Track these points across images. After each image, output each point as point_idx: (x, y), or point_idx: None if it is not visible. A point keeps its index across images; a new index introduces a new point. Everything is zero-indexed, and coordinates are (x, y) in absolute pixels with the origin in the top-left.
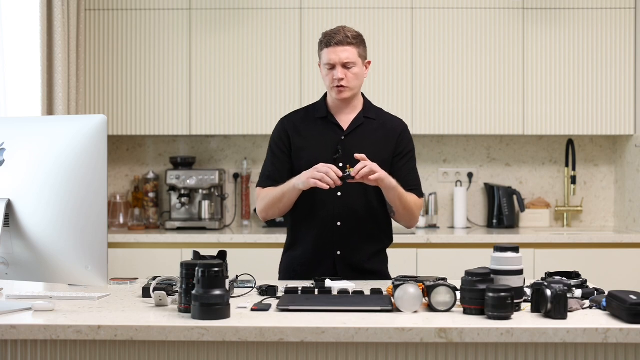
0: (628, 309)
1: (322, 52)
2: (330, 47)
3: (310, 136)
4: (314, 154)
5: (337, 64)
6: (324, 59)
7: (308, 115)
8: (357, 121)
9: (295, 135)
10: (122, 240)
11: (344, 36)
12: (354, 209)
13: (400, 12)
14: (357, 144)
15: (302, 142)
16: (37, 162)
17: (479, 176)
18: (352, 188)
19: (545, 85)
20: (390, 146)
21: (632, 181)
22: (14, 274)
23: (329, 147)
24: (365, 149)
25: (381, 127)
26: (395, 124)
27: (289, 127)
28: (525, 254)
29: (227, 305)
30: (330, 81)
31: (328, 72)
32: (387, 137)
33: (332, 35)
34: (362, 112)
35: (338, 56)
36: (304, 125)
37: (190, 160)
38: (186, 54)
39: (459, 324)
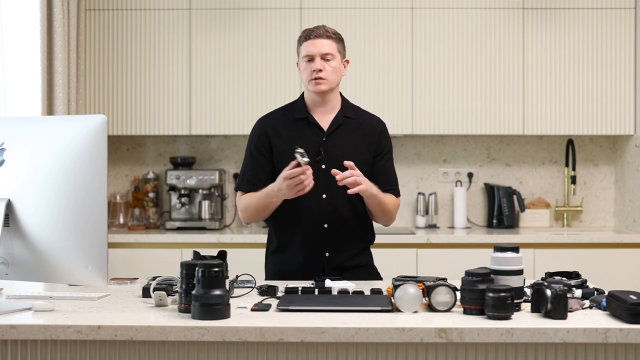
0: (628, 309)
1: (300, 46)
2: (309, 39)
3: (290, 138)
4: None
5: (315, 56)
6: (302, 52)
7: (287, 116)
8: (337, 121)
9: (275, 137)
10: (122, 240)
11: (324, 30)
12: (339, 210)
13: (400, 12)
14: (338, 144)
15: (283, 145)
16: (37, 162)
17: (479, 176)
18: (336, 189)
19: (545, 85)
20: (371, 146)
21: (632, 181)
22: (14, 274)
23: (310, 149)
24: (346, 149)
25: (360, 127)
26: (374, 124)
27: (268, 128)
28: (525, 254)
29: (227, 305)
30: (309, 73)
31: (306, 64)
32: (367, 136)
33: (312, 30)
34: (341, 111)
35: (317, 48)
36: (283, 126)
37: (190, 160)
38: (186, 54)
39: (459, 324)
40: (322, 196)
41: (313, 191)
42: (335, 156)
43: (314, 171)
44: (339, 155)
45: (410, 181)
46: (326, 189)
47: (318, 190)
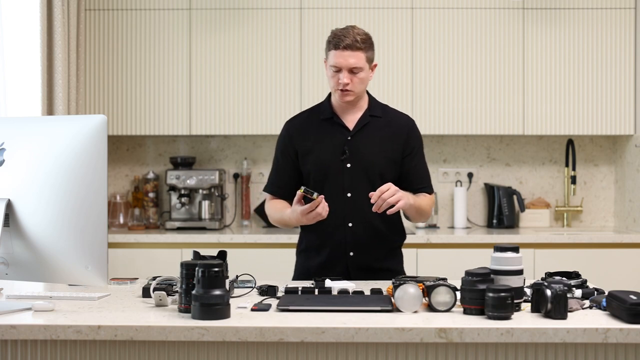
0: (628, 309)
1: (329, 52)
2: (338, 49)
3: (315, 139)
4: (321, 156)
5: (343, 68)
6: (330, 60)
7: (312, 117)
8: (363, 120)
9: (300, 139)
10: (122, 240)
11: (353, 40)
12: (364, 209)
13: (400, 12)
14: (364, 143)
15: (308, 146)
16: (37, 162)
17: (479, 176)
18: (360, 188)
19: (545, 85)
20: (399, 145)
21: (632, 181)
22: (14, 274)
23: (335, 149)
24: (371, 148)
25: (388, 125)
26: (402, 122)
27: (293, 131)
28: (525, 254)
29: (227, 305)
30: (335, 84)
31: (334, 74)
32: (395, 135)
33: (341, 38)
34: (368, 110)
35: (346, 61)
36: (308, 127)
37: (190, 160)
38: (186, 54)
39: (459, 324)
40: (347, 195)
41: (338, 190)
42: (360, 155)
43: (339, 170)
44: (364, 154)
45: None
46: (351, 188)
47: (343, 189)
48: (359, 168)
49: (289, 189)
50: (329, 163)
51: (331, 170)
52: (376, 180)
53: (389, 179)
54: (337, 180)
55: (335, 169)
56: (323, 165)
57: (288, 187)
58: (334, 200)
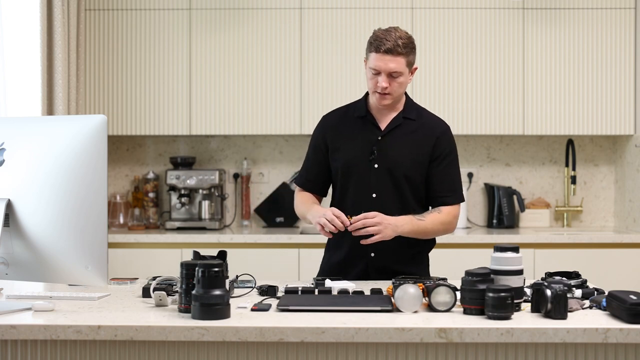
0: (628, 309)
1: (369, 54)
2: (379, 53)
3: (346, 136)
4: (349, 154)
5: (382, 72)
6: (370, 62)
7: (348, 114)
8: (396, 121)
9: (332, 135)
10: (122, 240)
11: (394, 44)
12: (389, 210)
13: (400, 12)
14: (393, 145)
15: (339, 142)
16: (37, 162)
17: (479, 176)
18: (386, 190)
19: (545, 85)
20: (427, 149)
21: (632, 181)
22: (14, 274)
23: (364, 148)
24: (400, 150)
25: (420, 128)
26: (434, 125)
27: (326, 126)
28: (525, 254)
29: (227, 305)
30: (374, 86)
31: (373, 76)
32: (425, 138)
33: (383, 41)
34: (402, 112)
35: (386, 65)
36: (342, 124)
37: (190, 160)
38: (186, 54)
39: (459, 324)
40: (372, 195)
41: (363, 190)
42: (388, 156)
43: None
44: (393, 155)
45: None
46: (376, 188)
47: (369, 189)
48: (385, 169)
49: (319, 184)
50: (357, 162)
51: (358, 169)
52: (401, 182)
53: (415, 181)
54: (363, 179)
55: (363, 168)
56: (351, 163)
57: (317, 182)
58: (359, 200)
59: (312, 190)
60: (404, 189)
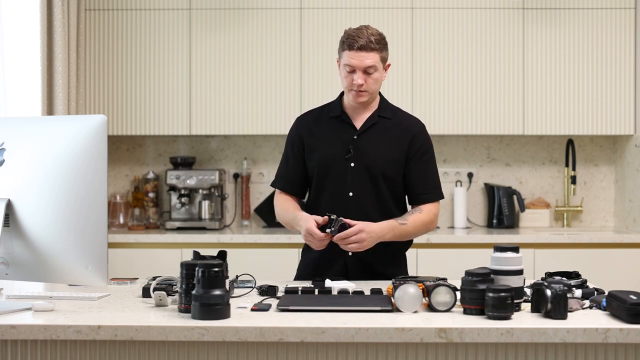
0: (628, 309)
1: (343, 52)
2: (352, 50)
3: (322, 136)
4: (326, 153)
5: (358, 69)
6: (344, 60)
7: (322, 115)
8: (371, 120)
9: (307, 135)
10: (122, 240)
11: (367, 40)
12: (366, 209)
13: (400, 12)
14: (369, 143)
15: (314, 142)
16: (37, 162)
17: (479, 176)
18: (363, 188)
19: (545, 85)
20: (403, 147)
21: (632, 181)
22: (14, 274)
23: (340, 147)
24: (376, 149)
25: (395, 127)
26: (410, 124)
27: (302, 127)
28: (525, 254)
29: (227, 305)
30: (349, 84)
31: (347, 74)
32: (401, 136)
33: (356, 38)
34: (377, 111)
35: (360, 62)
36: (317, 124)
37: (190, 160)
38: (186, 54)
39: (459, 324)
40: (349, 194)
41: (340, 189)
42: (364, 155)
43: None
44: (368, 154)
45: None
46: (353, 187)
47: (345, 188)
48: (362, 167)
49: (297, 185)
50: (333, 161)
51: (335, 168)
52: (379, 180)
53: (392, 179)
54: (340, 178)
55: (339, 167)
56: (327, 162)
57: (296, 183)
58: (335, 199)
59: (291, 191)
60: (381, 187)
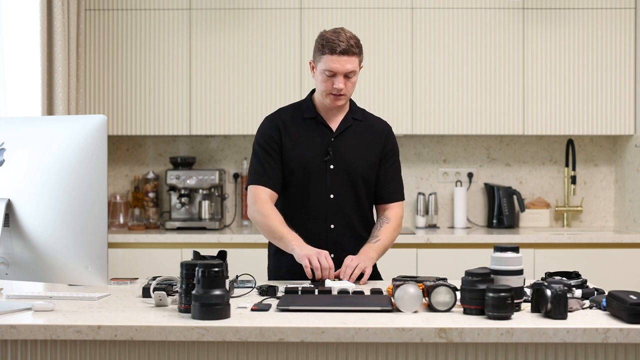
0: (628, 309)
1: (322, 56)
2: (334, 54)
3: (299, 136)
4: (304, 155)
5: (339, 74)
6: (324, 64)
7: (295, 115)
8: (346, 122)
9: (285, 134)
10: (122, 240)
11: (349, 45)
12: (346, 211)
13: (400, 12)
14: (347, 145)
15: (292, 143)
16: (37, 162)
17: (479, 176)
18: (343, 190)
19: (545, 85)
20: (377, 148)
21: (632, 181)
22: (14, 274)
23: (318, 149)
24: (354, 150)
25: (368, 129)
26: (381, 126)
27: (279, 124)
28: (525, 254)
29: (227, 305)
30: (328, 88)
31: (327, 78)
32: (374, 138)
33: (337, 42)
34: (350, 113)
35: (343, 66)
36: (292, 124)
37: (190, 160)
38: (186, 54)
39: (459, 324)
40: (330, 196)
41: (320, 191)
42: (343, 157)
43: (322, 171)
44: (347, 156)
45: (410, 181)
46: (333, 189)
47: (325, 190)
48: (341, 170)
49: (277, 180)
50: (312, 163)
51: (314, 170)
52: (358, 183)
53: (369, 182)
54: (319, 181)
55: (318, 169)
56: (307, 164)
57: (276, 178)
58: (316, 201)
59: (270, 185)
60: (360, 190)
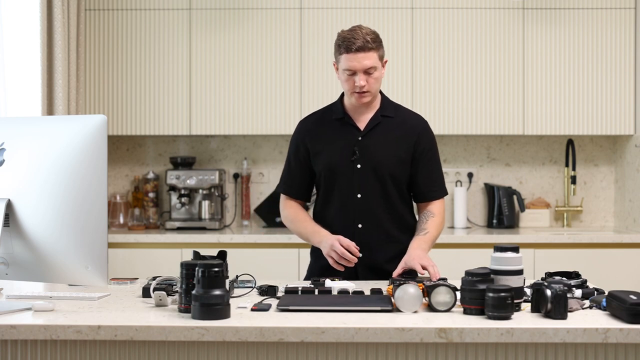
0: (628, 309)
1: (340, 56)
2: (350, 53)
3: (326, 139)
4: (331, 157)
5: (358, 71)
6: (343, 64)
7: (324, 117)
8: (374, 120)
9: (311, 139)
10: (122, 240)
11: (364, 41)
12: (374, 210)
13: (400, 12)
14: (374, 144)
15: (319, 146)
16: (37, 162)
17: (479, 176)
18: (371, 189)
19: (545, 85)
20: (409, 145)
21: (632, 181)
22: (14, 274)
23: (345, 150)
24: (382, 149)
25: (399, 125)
26: (414, 122)
27: (304, 131)
28: (525, 254)
29: (227, 305)
30: (351, 87)
31: (348, 77)
32: (406, 135)
33: (352, 40)
34: (380, 110)
35: (360, 63)
36: (319, 127)
37: (190, 160)
38: (186, 54)
39: (459, 324)
40: (357, 196)
41: (348, 191)
42: (370, 156)
43: (349, 171)
44: (374, 154)
45: None
46: (361, 189)
47: (353, 190)
48: (369, 169)
49: (303, 190)
50: (339, 164)
51: (341, 171)
52: (386, 181)
53: (399, 179)
54: (347, 181)
55: (346, 169)
56: (333, 166)
57: (301, 188)
58: (344, 201)
59: (297, 196)
60: (389, 188)
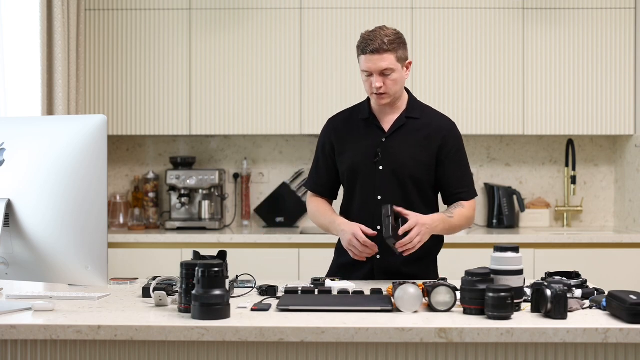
0: (628, 309)
1: (359, 57)
2: (366, 54)
3: (351, 138)
4: (354, 157)
5: (374, 73)
6: (361, 65)
7: (352, 117)
8: (399, 122)
9: (337, 138)
10: (122, 240)
11: (381, 42)
12: None
13: (400, 12)
14: (398, 145)
15: (344, 146)
16: (37, 162)
17: (479, 176)
18: (392, 191)
19: (545, 85)
20: (433, 147)
21: (632, 181)
22: (14, 274)
23: (368, 150)
24: (405, 151)
25: (425, 127)
26: (440, 124)
27: (332, 130)
28: (525, 254)
29: (227, 305)
30: (369, 88)
31: (367, 78)
32: (431, 137)
33: (368, 42)
34: (405, 111)
35: (375, 65)
36: (346, 127)
37: (190, 160)
38: (186, 54)
39: (459, 324)
40: (378, 198)
41: (369, 192)
42: (392, 157)
43: (371, 172)
44: (396, 156)
45: None
46: (382, 190)
47: (374, 191)
48: (389, 170)
49: (328, 187)
50: (362, 164)
51: (363, 171)
52: (407, 183)
53: (420, 182)
54: (368, 182)
55: (368, 170)
56: (356, 166)
57: (327, 185)
58: (365, 202)
59: (322, 193)
60: (410, 190)
